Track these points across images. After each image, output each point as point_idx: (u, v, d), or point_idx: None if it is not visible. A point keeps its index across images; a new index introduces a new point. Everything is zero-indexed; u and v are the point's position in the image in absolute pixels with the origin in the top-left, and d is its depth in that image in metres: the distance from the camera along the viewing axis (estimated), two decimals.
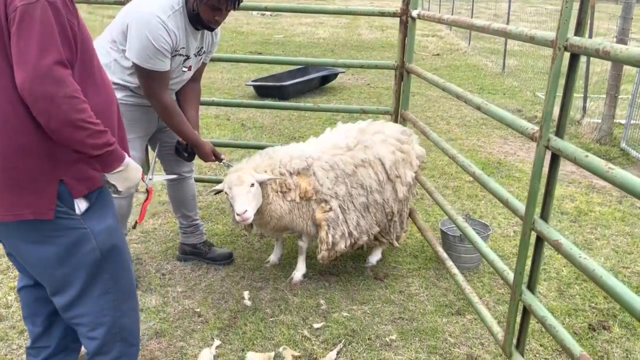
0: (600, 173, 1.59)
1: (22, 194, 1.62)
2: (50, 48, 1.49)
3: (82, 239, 1.75)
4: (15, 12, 1.48)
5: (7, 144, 1.57)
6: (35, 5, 1.49)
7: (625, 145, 5.78)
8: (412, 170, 3.21)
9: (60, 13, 1.53)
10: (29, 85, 1.48)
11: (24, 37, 1.48)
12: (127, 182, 1.79)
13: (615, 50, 1.50)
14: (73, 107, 1.52)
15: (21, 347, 2.58)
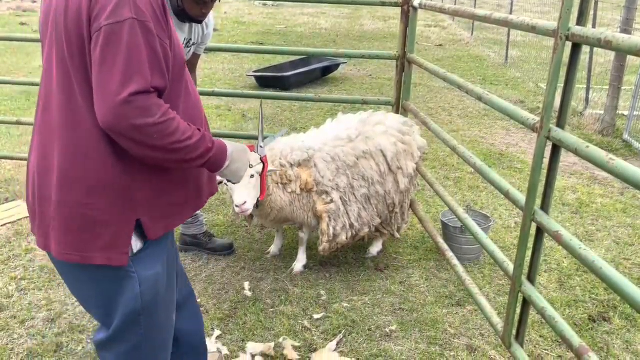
0: (601, 164, 1.58)
1: (95, 235, 1.44)
2: (135, 76, 1.30)
3: (125, 284, 1.54)
4: (100, 32, 1.30)
5: (84, 178, 1.41)
6: (122, 25, 1.29)
7: (627, 137, 5.75)
8: (413, 161, 3.20)
9: (151, 32, 1.34)
10: (111, 119, 1.30)
11: (106, 65, 1.30)
12: (238, 171, 1.66)
13: (618, 40, 1.49)
14: (163, 132, 1.36)
15: (22, 337, 2.59)
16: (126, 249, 1.48)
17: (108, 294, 1.55)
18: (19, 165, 4.63)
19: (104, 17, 1.30)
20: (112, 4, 1.30)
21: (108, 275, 1.52)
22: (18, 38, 4.07)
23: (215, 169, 1.58)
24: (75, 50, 1.36)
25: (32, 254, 3.29)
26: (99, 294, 1.56)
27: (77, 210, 1.42)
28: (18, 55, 9.07)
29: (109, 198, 1.43)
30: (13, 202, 3.94)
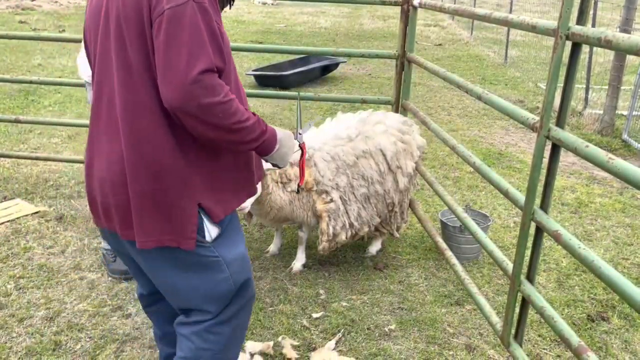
0: (601, 163, 1.58)
1: (162, 219, 1.51)
2: (200, 56, 1.34)
3: (214, 268, 1.63)
4: (162, 16, 1.33)
5: (146, 165, 1.46)
6: (184, 8, 1.33)
7: (626, 137, 5.75)
8: (412, 160, 3.20)
9: (208, 13, 1.38)
10: (180, 99, 1.34)
11: (172, 47, 1.33)
12: (286, 156, 1.70)
13: (617, 39, 1.49)
14: (226, 112, 1.40)
15: (21, 335, 2.59)
16: (193, 234, 1.53)
17: (198, 280, 1.62)
18: (18, 163, 4.62)
19: (165, 1, 1.34)
20: None
21: (194, 261, 1.59)
22: (17, 36, 4.06)
23: (266, 152, 1.62)
24: (135, 38, 1.39)
25: (31, 252, 3.29)
26: (189, 280, 1.62)
27: (147, 197, 1.48)
28: (17, 54, 9.06)
29: (171, 182, 1.48)
30: (12, 201, 3.94)
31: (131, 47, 1.39)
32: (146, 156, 1.46)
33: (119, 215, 1.54)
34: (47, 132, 5.39)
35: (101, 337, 2.59)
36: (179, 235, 1.53)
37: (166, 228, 1.52)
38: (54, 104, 6.45)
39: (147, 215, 1.50)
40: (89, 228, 3.58)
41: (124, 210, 1.52)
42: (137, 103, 1.43)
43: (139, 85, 1.42)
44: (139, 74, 1.41)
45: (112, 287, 2.98)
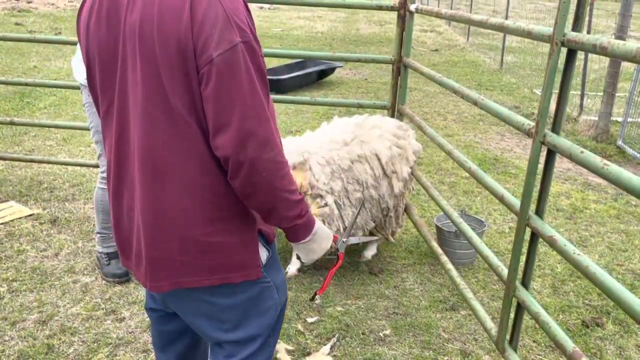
0: (595, 169, 1.58)
1: (228, 255, 1.41)
2: (255, 107, 1.26)
3: (265, 294, 1.54)
4: (210, 65, 1.21)
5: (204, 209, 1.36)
6: (233, 53, 1.22)
7: (621, 143, 5.78)
8: (408, 165, 3.20)
9: (256, 52, 1.28)
10: (230, 151, 1.25)
11: (223, 99, 1.23)
12: (312, 253, 1.54)
13: (613, 46, 1.49)
14: (274, 173, 1.31)
15: (13, 339, 2.57)
16: (258, 261, 1.47)
17: (249, 310, 1.53)
18: (12, 165, 4.60)
19: (213, 47, 1.21)
20: (218, 29, 1.21)
21: (247, 291, 1.50)
22: (13, 38, 4.05)
23: (295, 237, 1.48)
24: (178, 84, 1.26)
25: (24, 255, 3.27)
26: (239, 312, 1.53)
27: (203, 240, 1.38)
28: (12, 56, 9.03)
29: (232, 219, 1.40)
30: (5, 203, 3.91)
31: (172, 93, 1.27)
32: (202, 201, 1.36)
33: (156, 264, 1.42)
34: (42, 135, 5.37)
35: (94, 341, 2.58)
36: (246, 267, 1.45)
37: (232, 263, 1.43)
38: (49, 106, 6.43)
39: (207, 257, 1.40)
40: (83, 231, 3.56)
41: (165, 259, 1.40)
42: (184, 149, 1.32)
43: (184, 131, 1.30)
44: (183, 121, 1.29)
45: (106, 291, 2.96)
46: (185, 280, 1.42)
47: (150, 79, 1.27)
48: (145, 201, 1.37)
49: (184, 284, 1.43)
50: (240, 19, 1.25)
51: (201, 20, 1.21)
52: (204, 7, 1.21)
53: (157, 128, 1.31)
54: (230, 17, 1.22)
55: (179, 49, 1.22)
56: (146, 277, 1.44)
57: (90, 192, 4.13)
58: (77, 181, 4.33)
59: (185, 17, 1.21)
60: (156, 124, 1.31)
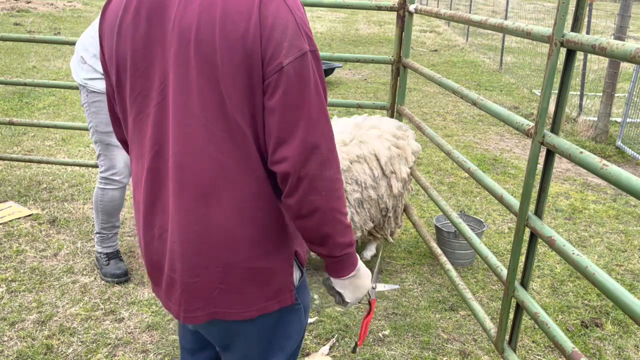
0: (595, 169, 1.58)
1: (266, 283, 1.31)
2: (321, 119, 1.17)
3: (294, 317, 1.43)
4: (280, 73, 1.13)
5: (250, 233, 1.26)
6: (303, 60, 1.14)
7: (620, 144, 5.79)
8: (407, 165, 3.20)
9: (320, 61, 1.21)
10: (292, 165, 1.16)
11: (290, 108, 1.15)
12: (357, 291, 1.40)
13: (612, 46, 1.49)
14: (332, 192, 1.21)
15: (12, 339, 2.57)
16: (292, 284, 1.36)
17: (277, 334, 1.43)
18: (11, 165, 4.59)
19: (283, 54, 1.13)
20: (288, 36, 1.13)
21: (278, 316, 1.39)
22: (12, 38, 4.04)
23: (341, 271, 1.35)
24: (237, 92, 1.16)
25: (23, 255, 3.26)
26: (267, 337, 1.43)
27: (246, 266, 1.28)
28: (11, 56, 9.03)
29: (274, 244, 1.31)
30: (4, 203, 3.91)
31: (231, 103, 1.16)
32: (244, 222, 1.25)
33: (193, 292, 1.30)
34: (41, 135, 5.37)
35: (93, 341, 2.58)
36: (281, 293, 1.34)
37: (269, 292, 1.32)
38: (48, 106, 6.43)
39: (247, 285, 1.29)
40: (82, 231, 3.56)
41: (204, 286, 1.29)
42: (237, 165, 1.21)
43: (239, 146, 1.20)
44: (240, 134, 1.19)
45: (105, 291, 2.96)
46: (222, 311, 1.31)
47: (206, 87, 1.16)
48: (186, 222, 1.24)
49: (219, 315, 1.32)
50: (307, 26, 1.19)
51: (271, 25, 1.12)
52: (273, 11, 1.13)
53: (209, 142, 1.19)
54: (300, 23, 1.16)
55: (245, 55, 1.12)
56: (180, 307, 1.32)
57: (90, 192, 4.12)
58: (76, 181, 4.33)
59: (254, 20, 1.12)
60: (208, 138, 1.19)
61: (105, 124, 2.84)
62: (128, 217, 3.80)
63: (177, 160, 1.21)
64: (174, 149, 1.22)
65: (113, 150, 2.90)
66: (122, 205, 3.05)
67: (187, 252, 1.26)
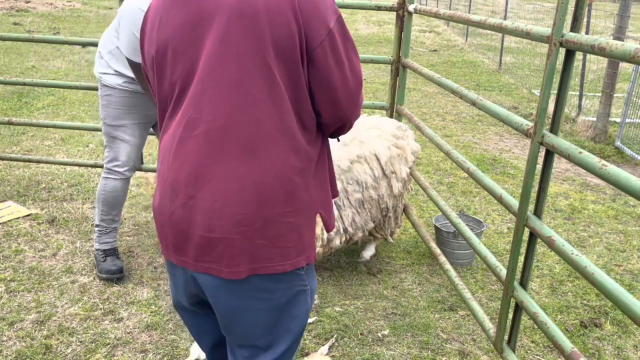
0: (594, 170, 1.59)
1: (298, 238, 1.43)
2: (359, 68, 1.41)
3: (300, 298, 1.52)
4: (331, 36, 1.32)
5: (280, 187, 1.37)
6: (339, 21, 1.36)
7: (619, 144, 5.79)
8: (407, 165, 3.20)
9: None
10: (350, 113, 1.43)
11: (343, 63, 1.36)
12: None
13: (611, 46, 1.50)
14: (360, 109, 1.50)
15: (11, 339, 2.56)
16: (314, 243, 1.49)
17: (285, 313, 1.51)
18: (10, 165, 4.59)
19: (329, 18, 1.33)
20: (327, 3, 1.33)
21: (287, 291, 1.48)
22: (11, 37, 4.04)
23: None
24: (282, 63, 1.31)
25: (22, 255, 3.26)
26: (275, 313, 1.50)
27: (282, 221, 1.39)
28: (10, 55, 9.02)
29: (302, 202, 1.42)
30: (3, 203, 3.91)
31: (273, 70, 1.31)
32: (281, 178, 1.36)
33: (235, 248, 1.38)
34: (40, 135, 5.36)
35: (92, 341, 2.57)
36: (309, 250, 1.46)
37: (300, 247, 1.44)
38: (47, 106, 6.42)
39: (282, 239, 1.40)
40: (81, 231, 3.56)
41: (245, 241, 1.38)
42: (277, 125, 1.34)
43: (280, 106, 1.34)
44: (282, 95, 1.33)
45: (104, 291, 2.96)
46: (260, 265, 1.40)
47: (249, 56, 1.29)
48: (228, 182, 1.34)
49: (259, 270, 1.40)
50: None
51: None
52: None
53: (252, 105, 1.32)
54: None
55: (289, 24, 1.28)
56: (222, 264, 1.39)
57: (89, 192, 4.12)
58: (75, 181, 4.32)
59: None
60: (253, 101, 1.31)
61: (113, 117, 2.94)
62: (128, 217, 3.80)
63: (219, 125, 1.32)
64: (214, 115, 1.32)
65: (118, 143, 2.99)
66: (124, 199, 3.10)
67: (229, 210, 1.34)
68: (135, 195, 4.14)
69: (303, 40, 1.30)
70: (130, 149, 3.01)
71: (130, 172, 3.06)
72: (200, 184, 1.35)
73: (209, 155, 1.33)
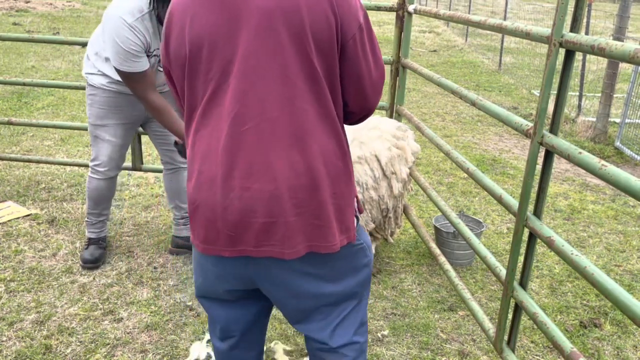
0: (593, 170, 1.59)
1: (342, 220, 1.53)
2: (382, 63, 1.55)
3: (360, 254, 1.65)
4: (360, 30, 1.43)
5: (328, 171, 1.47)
6: (366, 16, 1.47)
7: (619, 144, 5.79)
8: (407, 166, 3.20)
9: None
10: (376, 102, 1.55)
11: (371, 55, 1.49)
12: None
13: (610, 47, 1.50)
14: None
15: (10, 339, 2.56)
16: (354, 223, 1.59)
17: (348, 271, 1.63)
18: (9, 165, 4.59)
19: (359, 14, 1.43)
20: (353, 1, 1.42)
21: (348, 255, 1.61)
22: (10, 37, 4.04)
23: None
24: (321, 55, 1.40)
25: (22, 255, 3.26)
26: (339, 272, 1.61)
27: (332, 202, 1.49)
28: (10, 55, 9.02)
29: (345, 185, 1.53)
30: (3, 203, 3.91)
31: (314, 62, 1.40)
32: (327, 163, 1.47)
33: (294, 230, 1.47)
34: (40, 135, 5.36)
35: (92, 342, 2.57)
36: (350, 229, 1.56)
37: (343, 228, 1.54)
38: (47, 106, 6.42)
39: (332, 220, 1.50)
40: (80, 231, 3.56)
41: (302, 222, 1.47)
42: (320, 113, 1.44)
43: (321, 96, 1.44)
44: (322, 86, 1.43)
45: (104, 291, 2.96)
46: (316, 244, 1.50)
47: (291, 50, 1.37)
48: (282, 170, 1.42)
49: (315, 248, 1.50)
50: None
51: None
52: None
53: (299, 95, 1.40)
54: None
55: (327, 18, 1.37)
56: (283, 245, 1.47)
57: None
58: (75, 181, 4.32)
59: None
60: (298, 92, 1.40)
61: (96, 116, 2.97)
62: (127, 217, 3.80)
63: (270, 117, 1.39)
64: (263, 108, 1.39)
65: (99, 142, 3.02)
66: (109, 196, 3.16)
67: (287, 195, 1.43)
68: (135, 196, 4.14)
69: (339, 33, 1.39)
70: (112, 149, 3.02)
71: (112, 172, 3.09)
72: (256, 174, 1.42)
73: (263, 147, 1.40)
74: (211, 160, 1.44)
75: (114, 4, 2.59)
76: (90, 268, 3.13)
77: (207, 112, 1.44)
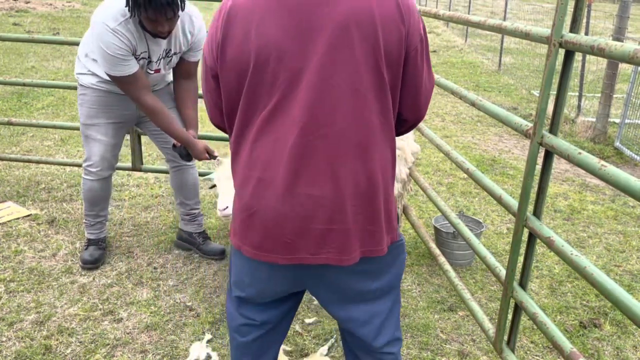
0: (593, 170, 1.59)
1: (389, 222, 1.59)
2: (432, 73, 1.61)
3: (400, 250, 1.70)
4: (421, 42, 1.47)
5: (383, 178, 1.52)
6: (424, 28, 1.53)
7: (619, 144, 5.79)
8: (406, 166, 3.20)
9: None
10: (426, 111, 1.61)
11: (426, 67, 1.52)
12: None
13: (610, 47, 1.50)
14: None
15: (10, 340, 2.56)
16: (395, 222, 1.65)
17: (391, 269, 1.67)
18: (9, 166, 4.59)
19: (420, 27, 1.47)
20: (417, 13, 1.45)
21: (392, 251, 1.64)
22: (10, 38, 4.04)
23: None
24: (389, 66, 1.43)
25: (22, 256, 3.26)
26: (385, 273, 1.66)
27: (383, 208, 1.54)
28: (10, 56, 9.02)
29: (391, 191, 1.59)
30: (3, 203, 3.91)
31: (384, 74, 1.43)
32: (383, 172, 1.51)
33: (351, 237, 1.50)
34: (40, 135, 5.36)
35: (92, 342, 2.57)
36: (395, 230, 1.62)
37: (389, 230, 1.59)
38: (47, 106, 6.42)
39: (383, 225, 1.55)
40: (80, 231, 3.56)
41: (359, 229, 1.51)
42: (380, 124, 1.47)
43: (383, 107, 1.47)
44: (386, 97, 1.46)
45: (104, 292, 2.96)
46: (368, 249, 1.54)
47: (368, 60, 1.38)
48: (345, 179, 1.45)
49: (368, 253, 1.54)
50: None
51: (407, 3, 1.42)
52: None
53: (367, 108, 1.43)
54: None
55: (398, 30, 1.39)
56: (341, 252, 1.50)
57: None
58: (75, 182, 4.32)
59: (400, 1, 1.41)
60: (367, 104, 1.42)
61: (86, 116, 2.97)
62: (127, 217, 3.80)
63: (338, 129, 1.41)
64: (333, 119, 1.40)
65: (90, 142, 3.01)
66: (105, 196, 3.16)
67: (348, 203, 1.46)
68: (135, 196, 4.15)
69: (405, 45, 1.42)
70: (104, 149, 3.01)
71: (105, 172, 3.08)
72: (321, 182, 1.44)
73: (329, 156, 1.42)
74: (275, 167, 1.43)
75: (99, 9, 2.60)
76: (89, 269, 3.13)
77: (270, 120, 1.42)
